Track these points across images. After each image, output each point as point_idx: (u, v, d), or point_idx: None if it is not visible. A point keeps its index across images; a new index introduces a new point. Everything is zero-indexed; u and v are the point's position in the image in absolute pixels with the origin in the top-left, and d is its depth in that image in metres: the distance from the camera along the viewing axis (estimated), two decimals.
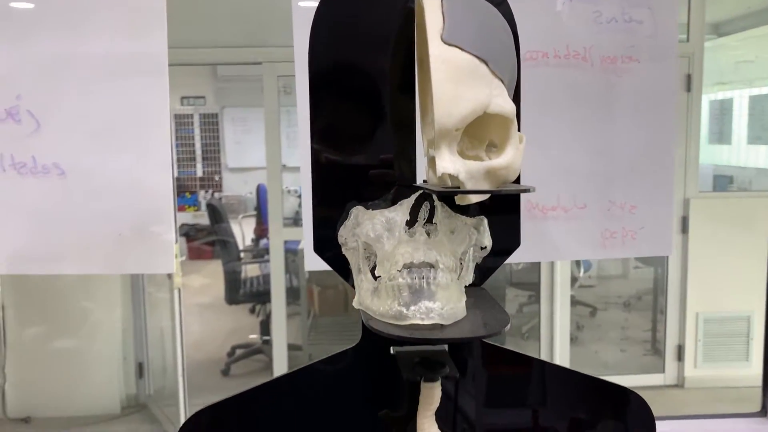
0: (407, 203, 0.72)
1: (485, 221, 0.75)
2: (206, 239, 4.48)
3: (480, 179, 0.65)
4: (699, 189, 3.36)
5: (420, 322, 0.67)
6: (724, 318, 3.36)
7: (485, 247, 0.77)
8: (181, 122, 5.77)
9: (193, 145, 5.88)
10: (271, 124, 3.00)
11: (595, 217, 1.19)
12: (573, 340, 3.50)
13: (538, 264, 3.33)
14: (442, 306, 0.67)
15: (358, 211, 0.74)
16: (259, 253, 4.54)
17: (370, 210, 0.74)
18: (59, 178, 1.12)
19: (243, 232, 4.99)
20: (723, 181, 4.77)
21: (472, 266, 0.76)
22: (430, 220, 0.73)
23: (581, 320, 4.06)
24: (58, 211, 1.13)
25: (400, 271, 0.68)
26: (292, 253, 3.57)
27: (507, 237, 0.82)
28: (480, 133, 0.69)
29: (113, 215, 1.13)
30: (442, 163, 0.63)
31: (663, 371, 3.45)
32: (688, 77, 3.17)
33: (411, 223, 0.73)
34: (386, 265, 0.70)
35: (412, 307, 0.67)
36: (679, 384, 3.40)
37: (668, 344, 3.46)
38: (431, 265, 0.68)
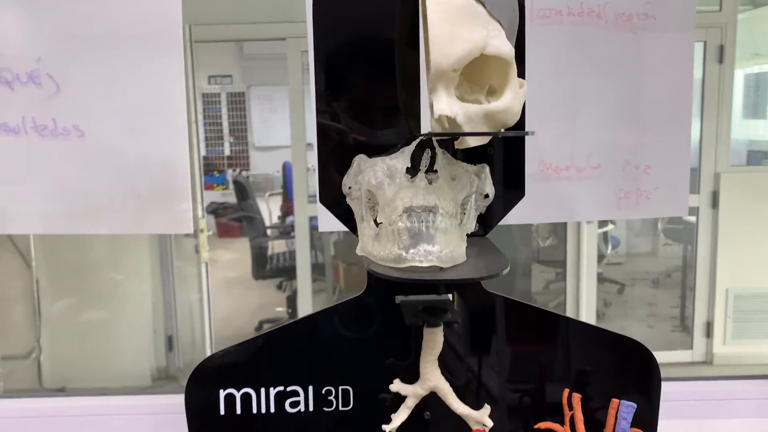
0: (408, 150, 0.73)
1: (487, 169, 0.76)
2: (233, 215, 4.53)
3: (478, 122, 0.66)
4: (730, 163, 3.29)
5: (419, 265, 0.68)
6: (755, 294, 3.29)
7: (487, 196, 0.77)
8: (208, 101, 5.83)
9: (221, 124, 5.94)
10: (296, 101, 3.02)
11: (609, 177, 1.18)
12: (600, 316, 3.47)
13: (565, 241, 3.31)
14: (441, 249, 0.68)
15: (360, 159, 0.75)
16: (285, 230, 4.58)
17: (372, 158, 0.74)
18: (79, 140, 1.15)
19: (270, 209, 5.04)
20: (757, 156, 4.65)
21: (474, 214, 0.76)
22: (431, 168, 0.74)
23: (609, 297, 4.02)
24: (78, 173, 1.16)
25: (400, 215, 0.69)
26: (317, 230, 3.60)
27: (511, 187, 0.82)
28: (479, 77, 0.69)
29: (131, 176, 1.16)
30: (439, 104, 0.64)
31: (691, 348, 3.40)
32: (721, 48, 3.09)
33: (413, 171, 0.73)
34: (387, 210, 0.71)
35: (411, 251, 0.68)
36: (708, 361, 3.35)
37: (697, 321, 3.41)
38: (431, 210, 0.69)
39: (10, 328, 2.90)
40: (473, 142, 0.69)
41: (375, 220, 0.73)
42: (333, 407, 0.84)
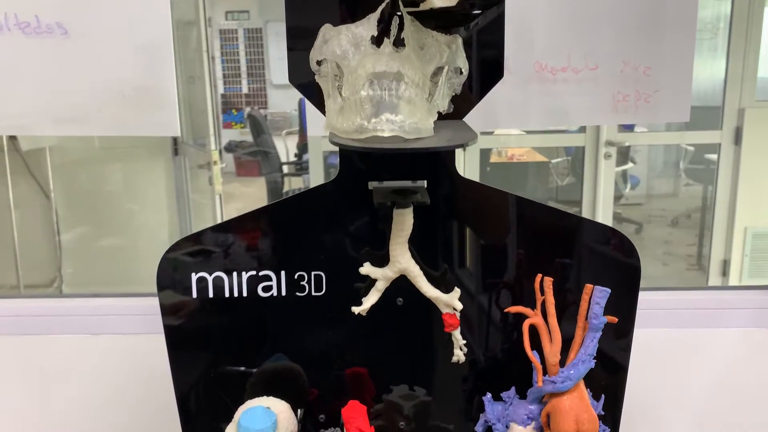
0: (374, 16, 0.69)
1: (459, 40, 0.72)
2: (248, 150, 4.53)
3: None
4: (756, 98, 3.17)
5: (380, 134, 0.65)
6: None
7: (461, 72, 0.74)
8: (226, 37, 5.75)
9: (238, 61, 5.87)
10: None
11: (606, 78, 1.13)
12: None
13: (581, 179, 3.25)
14: (405, 119, 0.66)
15: (325, 29, 0.72)
16: (302, 167, 4.57)
17: (337, 27, 0.71)
18: (62, 38, 1.13)
19: (287, 147, 5.02)
20: None
21: (446, 92, 0.73)
22: (400, 38, 0.71)
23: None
24: (62, 72, 1.14)
25: (363, 84, 0.66)
26: (334, 167, 3.59)
27: (488, 65, 0.79)
28: None
29: (115, 75, 1.14)
30: None
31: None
32: None
33: (380, 41, 0.70)
34: (351, 80, 0.68)
35: (374, 120, 0.66)
36: None
37: (713, 259, 3.35)
38: (395, 78, 0.66)
39: (32, 258, 2.95)
40: (438, 2, 0.66)
41: (341, 95, 0.71)
42: (306, 292, 0.84)
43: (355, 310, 0.81)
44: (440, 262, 0.82)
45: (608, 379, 0.84)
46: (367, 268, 0.80)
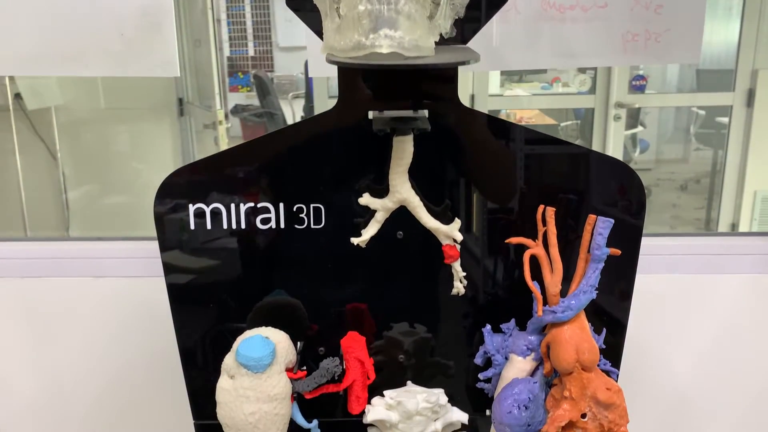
0: None
1: None
2: (254, 112, 4.51)
3: None
4: None
5: (378, 51, 0.63)
6: None
7: None
8: None
9: (244, 23, 5.80)
10: None
11: (616, 17, 1.10)
12: None
13: (590, 142, 3.21)
14: (404, 35, 0.64)
15: None
16: None
17: None
18: None
19: (293, 110, 4.98)
20: None
21: (449, 13, 0.71)
22: None
23: None
24: (61, 12, 1.12)
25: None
26: None
27: None
28: None
29: (114, 14, 1.12)
30: None
31: None
32: None
33: None
34: None
35: (371, 36, 0.64)
36: None
37: (722, 223, 3.31)
38: None
39: (40, 218, 2.95)
40: None
41: (339, 14, 0.69)
42: (305, 225, 0.83)
43: (354, 241, 0.80)
44: (441, 194, 0.81)
45: (611, 314, 0.83)
46: (366, 199, 0.78)
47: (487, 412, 0.86)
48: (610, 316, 0.83)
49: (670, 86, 4.16)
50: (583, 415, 0.73)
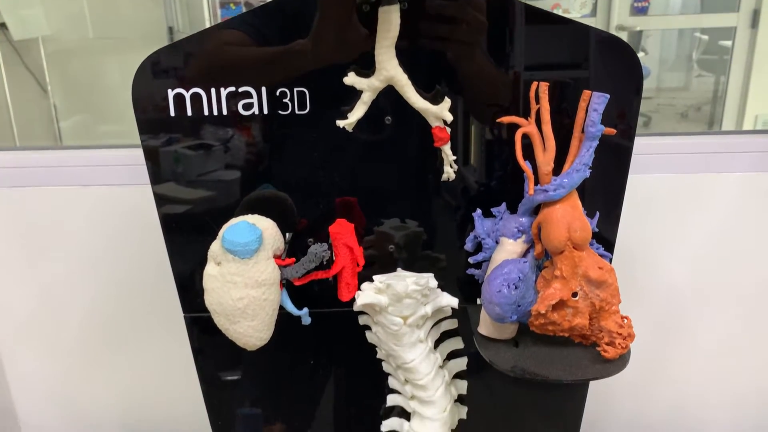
0: None
1: None
2: None
3: None
4: None
5: None
6: None
7: None
8: None
9: None
10: None
11: None
12: None
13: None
14: None
15: None
16: None
17: None
18: None
19: None
20: None
21: None
22: None
23: None
24: None
25: None
26: None
27: None
28: None
29: None
30: None
31: None
32: None
33: None
34: None
35: None
36: None
37: None
38: None
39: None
40: None
41: None
42: (289, 110, 0.80)
43: (340, 123, 0.77)
44: (431, 77, 0.78)
45: (605, 197, 0.81)
46: (351, 78, 0.75)
47: (478, 301, 0.86)
48: (604, 199, 0.81)
49: (673, 8, 4.05)
50: (574, 294, 0.72)
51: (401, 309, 0.78)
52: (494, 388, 0.95)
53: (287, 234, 0.83)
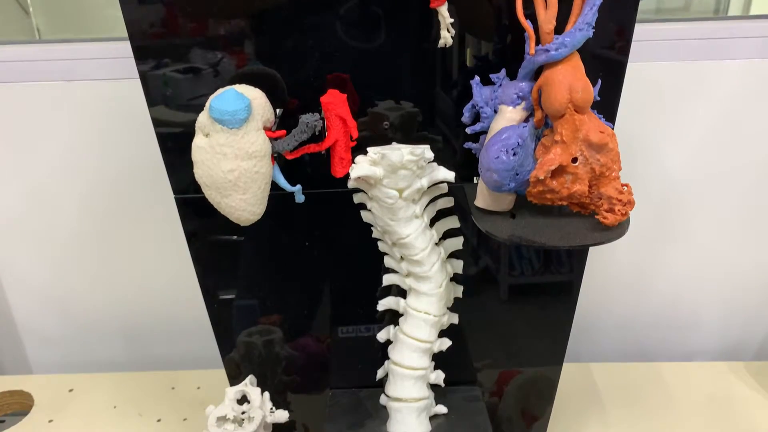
0: None
1: None
2: None
3: None
4: None
5: None
6: None
7: None
8: None
9: None
10: None
11: None
12: None
13: None
14: None
15: None
16: None
17: None
18: None
19: None
20: None
21: None
22: None
23: None
24: None
25: None
26: None
27: None
28: None
29: None
30: None
31: None
32: None
33: None
34: None
35: None
36: None
37: None
38: None
39: None
40: None
41: None
42: None
43: None
44: None
45: (607, 62, 0.78)
46: None
47: (475, 180, 0.84)
48: (606, 65, 0.78)
49: None
50: (574, 160, 0.70)
51: (396, 181, 0.76)
52: (484, 291, 0.95)
53: (278, 110, 0.80)
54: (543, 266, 0.95)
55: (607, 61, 0.78)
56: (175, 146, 0.84)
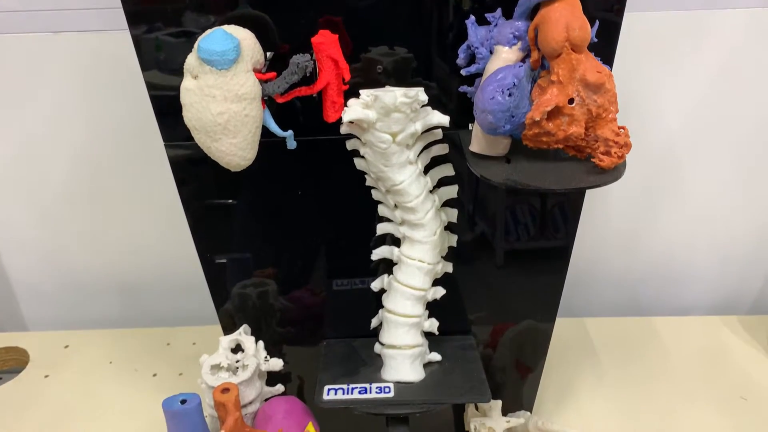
0: None
1: None
2: None
3: None
4: None
5: None
6: None
7: None
8: None
9: None
10: None
11: None
12: None
13: None
14: None
15: None
16: None
17: None
18: None
19: None
20: None
21: None
22: None
23: None
24: None
25: None
26: None
27: None
28: None
29: None
30: None
31: None
32: None
33: None
34: None
35: None
36: None
37: None
38: None
39: None
40: None
41: None
42: None
43: None
44: None
45: (603, 17, 0.76)
46: None
47: (470, 127, 0.82)
48: (602, 12, 0.76)
49: None
50: (571, 101, 0.69)
51: (390, 124, 0.75)
52: (476, 243, 0.94)
53: (268, 53, 0.79)
54: (538, 232, 0.94)
55: (604, 5, 0.76)
56: (170, 109, 0.82)
